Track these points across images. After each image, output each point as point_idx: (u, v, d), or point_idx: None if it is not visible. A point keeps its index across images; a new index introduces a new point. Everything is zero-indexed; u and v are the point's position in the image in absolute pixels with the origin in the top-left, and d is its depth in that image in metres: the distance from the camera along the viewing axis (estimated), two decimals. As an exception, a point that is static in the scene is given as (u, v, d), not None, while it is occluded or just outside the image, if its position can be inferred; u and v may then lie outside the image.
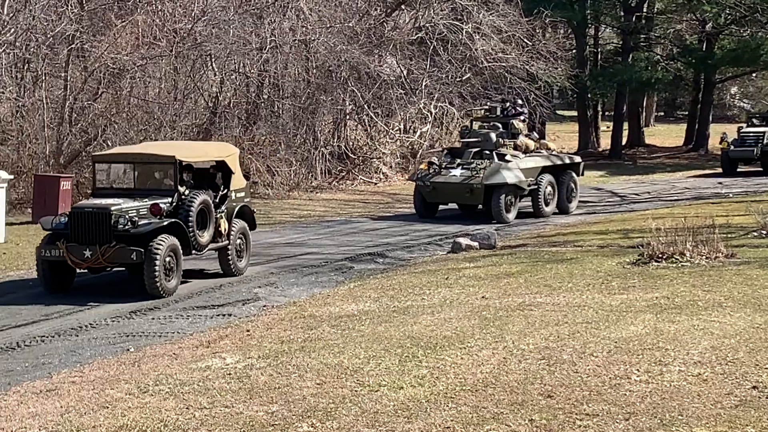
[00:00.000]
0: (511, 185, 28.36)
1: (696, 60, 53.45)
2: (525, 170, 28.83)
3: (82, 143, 33.63)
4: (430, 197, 29.28)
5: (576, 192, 30.94)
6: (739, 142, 43.43)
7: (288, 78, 39.19)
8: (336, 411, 10.32)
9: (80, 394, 11.44)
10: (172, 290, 18.06)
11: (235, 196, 20.30)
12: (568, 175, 30.58)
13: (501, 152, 29.29)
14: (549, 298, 15.70)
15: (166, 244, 17.81)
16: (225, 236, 19.73)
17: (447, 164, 29.29)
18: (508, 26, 42.66)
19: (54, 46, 33.37)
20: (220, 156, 20.51)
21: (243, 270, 20.25)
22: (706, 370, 11.18)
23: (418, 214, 29.56)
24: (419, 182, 29.28)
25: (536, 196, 29.32)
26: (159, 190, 19.07)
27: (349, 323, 14.61)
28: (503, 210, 28.14)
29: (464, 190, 28.55)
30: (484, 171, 28.38)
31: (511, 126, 30.49)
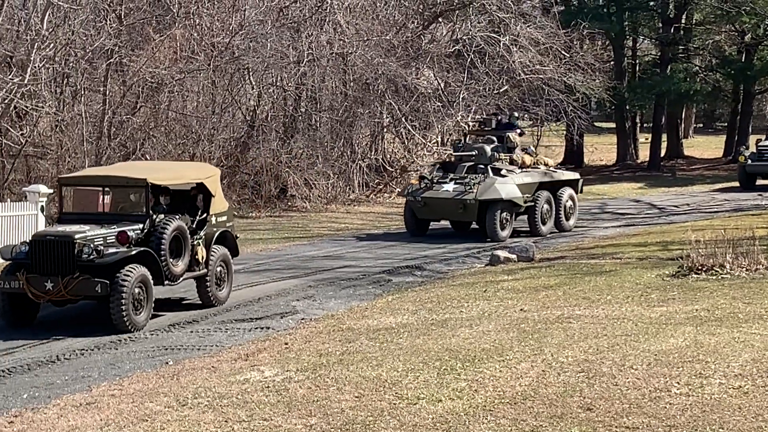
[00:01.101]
0: (507, 201, 27.01)
1: (735, 71, 53.17)
2: (521, 186, 27.55)
3: (121, 157, 33.76)
4: (422, 213, 27.95)
5: (575, 210, 29.53)
6: (757, 156, 41.98)
7: (325, 91, 39.24)
8: (374, 424, 10.30)
9: (119, 407, 11.47)
10: (142, 324, 16.57)
11: (215, 221, 18.82)
12: (567, 192, 29.18)
13: (496, 167, 27.88)
14: (588, 311, 15.63)
15: (134, 275, 16.38)
16: (203, 264, 18.16)
17: (439, 179, 27.86)
18: (546, 38, 42.55)
19: (93, 60, 33.57)
20: (198, 178, 19.00)
21: (223, 300, 18.69)
22: (747, 382, 11.10)
23: (409, 231, 28.30)
24: (410, 198, 27.88)
25: (533, 213, 27.98)
26: (130, 215, 17.65)
27: (388, 336, 14.59)
28: (498, 227, 26.84)
29: (457, 206, 27.12)
30: (478, 186, 26.99)
31: (507, 139, 28.88)
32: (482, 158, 28.11)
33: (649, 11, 54.51)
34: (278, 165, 35.74)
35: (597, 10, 51.45)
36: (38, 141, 32.80)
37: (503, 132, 29.11)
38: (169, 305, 18.51)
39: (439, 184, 27.57)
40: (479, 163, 27.95)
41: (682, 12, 52.90)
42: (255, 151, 36.30)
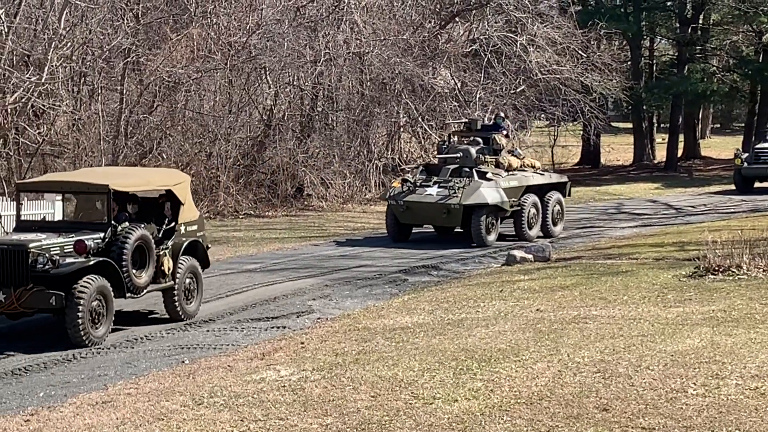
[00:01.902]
0: (493, 206, 25.97)
1: (752, 71, 53.01)
2: (507, 190, 26.41)
3: (138, 156, 33.87)
4: (404, 218, 26.71)
5: (562, 214, 28.40)
6: (753, 159, 40.79)
7: (342, 90, 39.26)
8: (390, 424, 10.30)
9: (136, 406, 11.50)
10: (101, 339, 15.52)
11: (184, 230, 17.63)
12: (554, 196, 28.05)
13: (481, 170, 26.66)
14: (604, 311, 15.61)
15: (92, 287, 15.32)
16: (169, 276, 17.02)
17: (422, 182, 26.67)
18: (563, 38, 42.50)
19: (110, 59, 33.67)
20: (165, 184, 17.78)
21: (192, 314, 17.47)
22: (764, 383, 11.07)
23: (391, 236, 27.08)
24: (392, 201, 26.69)
25: (519, 217, 26.86)
26: (91, 224, 16.56)
27: (404, 336, 14.59)
28: (483, 232, 25.79)
29: (441, 210, 26.07)
30: (463, 190, 25.86)
31: (493, 141, 27.67)
32: (467, 161, 27.00)
33: (667, 11, 54.38)
34: (295, 164, 35.77)
35: (614, 10, 51.34)
36: (55, 140, 32.92)
37: (489, 133, 28.06)
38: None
39: (423, 187, 26.50)
40: (464, 166, 26.85)
41: (700, 12, 52.78)
42: (271, 151, 36.34)
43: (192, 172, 34.26)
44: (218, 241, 27.28)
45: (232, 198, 33.72)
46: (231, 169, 34.50)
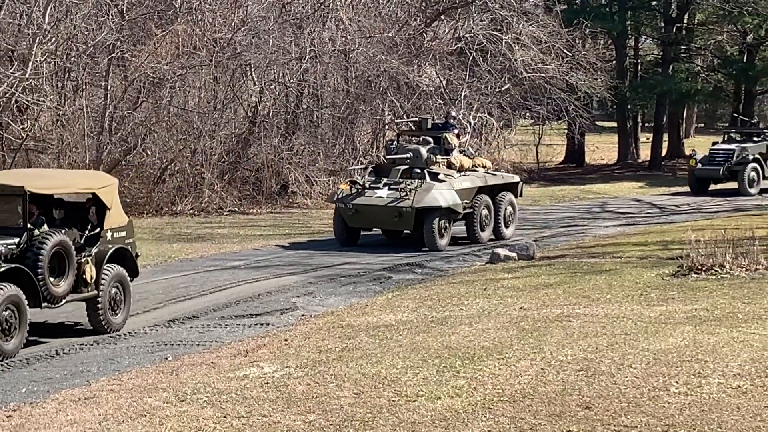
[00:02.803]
0: (446, 208, 24.83)
1: (736, 71, 53.15)
2: (460, 191, 25.31)
3: (122, 152, 33.83)
4: (353, 221, 25.50)
5: (515, 216, 27.34)
6: (708, 160, 39.95)
7: (327, 88, 39.24)
8: (373, 421, 10.31)
9: (118, 402, 11.49)
10: (11, 353, 14.42)
11: (111, 237, 16.47)
12: (507, 197, 26.98)
13: (433, 171, 25.55)
14: (587, 309, 15.64)
15: (1, 296, 14.26)
16: (92, 285, 15.85)
17: (371, 184, 25.42)
18: (548, 37, 42.53)
19: (94, 55, 33.62)
20: (89, 187, 16.57)
21: (118, 326, 16.31)
22: (746, 382, 11.11)
23: (339, 240, 25.88)
24: (340, 204, 25.38)
25: (471, 220, 25.80)
26: (6, 228, 15.32)
27: (387, 333, 14.60)
28: (437, 236, 24.67)
29: (392, 213, 24.83)
30: (415, 192, 24.62)
31: (444, 141, 26.48)
32: (418, 161, 25.80)
33: (652, 11, 54.46)
34: (279, 161, 35.73)
35: (599, 9, 51.38)
36: (39, 135, 32.85)
37: (440, 132, 26.88)
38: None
39: (372, 189, 25.26)
40: (415, 167, 25.62)
41: (684, 12, 52.88)
42: (256, 148, 36.29)
43: (177, 168, 34.26)
44: (202, 238, 27.26)
45: (217, 195, 33.67)
46: (215, 165, 34.46)
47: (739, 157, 39.19)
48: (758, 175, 39.45)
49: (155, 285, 20.27)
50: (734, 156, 39.27)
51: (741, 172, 39.04)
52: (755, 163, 39.33)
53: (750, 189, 39.01)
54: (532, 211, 35.01)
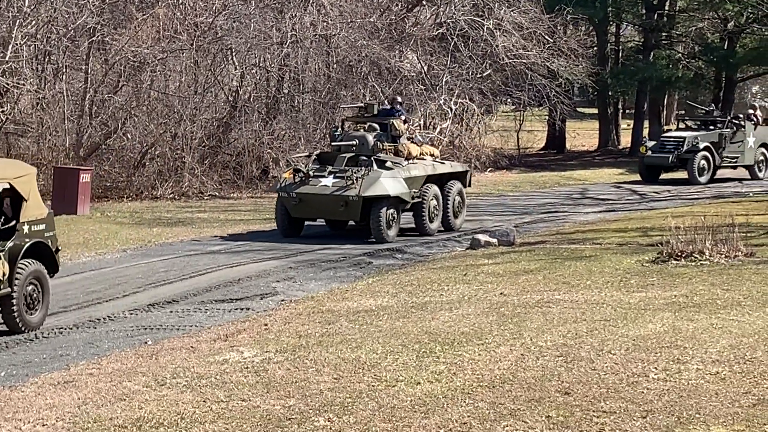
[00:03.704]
0: (394, 198, 23.85)
1: (717, 58, 53.21)
2: (408, 180, 24.31)
3: (102, 136, 33.74)
4: (296, 212, 24.37)
5: (463, 206, 26.39)
6: (658, 148, 39.42)
7: (308, 73, 39.17)
8: (353, 405, 10.32)
9: (98, 386, 11.47)
10: None
11: (28, 230, 15.39)
12: (455, 186, 26.04)
13: (380, 158, 24.47)
14: (567, 296, 15.67)
15: None
16: (5, 282, 14.75)
17: (316, 172, 24.29)
18: (530, 23, 42.55)
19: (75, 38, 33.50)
20: (4, 177, 15.26)
21: (36, 325, 15.30)
22: (725, 368, 11.15)
23: (281, 232, 24.68)
24: (283, 193, 24.29)
25: (420, 210, 24.79)
26: None
27: (367, 318, 14.61)
28: (384, 227, 23.66)
29: (338, 202, 23.75)
30: (362, 180, 23.61)
31: (391, 127, 25.21)
32: (364, 148, 24.69)
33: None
34: (260, 146, 35.67)
35: (581, -4, 51.43)
36: (19, 119, 32.72)
37: (386, 118, 25.61)
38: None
39: (316, 178, 24.14)
40: (361, 154, 24.58)
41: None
42: (237, 132, 36.23)
43: (157, 152, 34.19)
44: (182, 222, 27.22)
45: (197, 179, 33.60)
46: (196, 150, 34.39)
47: (690, 145, 38.48)
48: (708, 163, 38.74)
49: (135, 269, 20.24)
50: (684, 144, 38.60)
51: (691, 161, 38.35)
52: (706, 151, 38.61)
53: (699, 178, 38.28)
54: (513, 197, 35.08)
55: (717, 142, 39.16)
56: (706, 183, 38.24)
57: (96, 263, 21.12)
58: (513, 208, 31.09)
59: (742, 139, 39.92)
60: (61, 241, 23.69)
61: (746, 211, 25.42)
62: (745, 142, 39.99)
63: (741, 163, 40.28)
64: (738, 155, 39.87)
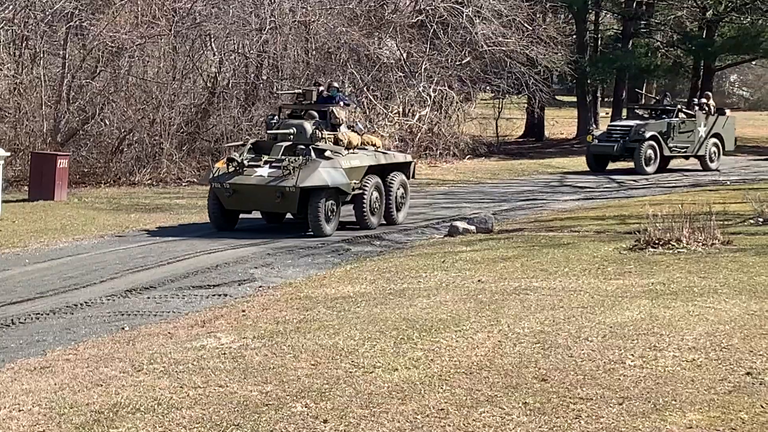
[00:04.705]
0: (333, 189, 22.79)
1: (696, 47, 53.40)
2: (349, 170, 23.16)
3: (80, 122, 33.63)
4: (230, 203, 23.16)
5: (406, 199, 25.28)
6: (605, 137, 38.96)
7: (287, 59, 39.12)
8: (330, 392, 10.31)
9: (74, 372, 11.43)
10: None
11: None
12: (398, 178, 24.94)
13: (319, 147, 23.31)
14: (545, 283, 15.69)
15: None
16: None
17: (251, 162, 23.09)
18: (509, 10, 42.59)
19: (52, 23, 33.37)
20: None
21: None
22: (701, 355, 11.18)
23: (214, 224, 23.51)
24: (215, 184, 23.00)
25: (360, 202, 23.68)
26: None
27: (345, 305, 14.60)
28: (323, 220, 22.60)
29: (273, 194, 22.54)
30: (299, 171, 22.44)
31: (331, 115, 24.08)
32: (302, 137, 23.45)
33: (612, -15, 54.66)
34: (239, 132, 35.57)
35: (560, -17, 51.49)
36: (-4, 104, 32.60)
37: (326, 105, 24.57)
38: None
39: (251, 167, 22.97)
40: (299, 143, 23.33)
41: (645, -13, 53.07)
42: (215, 118, 36.18)
43: (135, 138, 34.10)
44: (160, 209, 27.16)
45: (175, 165, 33.54)
46: (174, 136, 34.32)
47: (636, 134, 38.01)
48: (655, 153, 38.30)
49: (112, 255, 20.19)
50: (631, 133, 38.18)
51: (637, 150, 37.88)
52: (653, 140, 38.16)
53: (646, 167, 37.83)
54: (491, 184, 35.13)
55: (665, 131, 38.65)
56: (653, 172, 37.77)
57: (73, 249, 21.06)
58: (491, 196, 31.14)
59: (692, 129, 39.33)
60: (38, 226, 23.75)
61: (723, 199, 25.50)
62: (695, 132, 39.39)
63: (691, 153, 39.67)
64: (688, 145, 39.29)
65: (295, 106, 25.39)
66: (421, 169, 38.51)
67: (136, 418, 9.77)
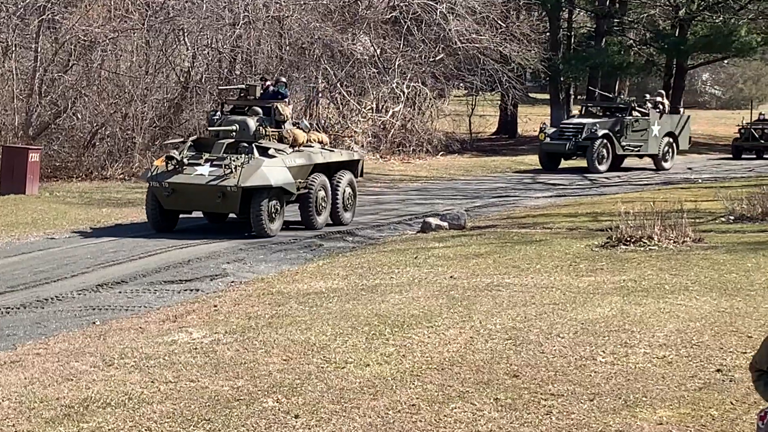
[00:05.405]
0: (277, 188, 21.95)
1: (668, 45, 53.55)
2: (294, 169, 22.38)
3: (52, 115, 33.48)
4: (169, 203, 22.22)
5: (354, 199, 24.60)
6: (557, 135, 38.65)
7: (261, 54, 39.02)
8: (302, 387, 10.31)
9: (44, 366, 11.39)
10: None
11: None
12: (346, 177, 24.22)
13: (262, 145, 22.46)
14: (517, 279, 15.72)
15: None
16: None
17: (191, 160, 22.13)
18: (482, 7, 42.63)
19: (25, 16, 33.20)
20: None
21: None
22: (671, 352, 11.22)
23: (153, 225, 22.51)
24: (154, 183, 22.06)
25: (306, 202, 22.94)
26: None
27: (317, 300, 14.59)
28: (266, 220, 21.77)
29: (214, 193, 21.69)
30: (242, 169, 21.59)
31: (275, 111, 23.22)
32: (245, 134, 22.68)
33: (586, -17, 54.77)
34: (211, 127, 35.49)
35: (534, -19, 51.60)
36: (-33, 97, 32.43)
37: (270, 102, 23.70)
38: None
39: (191, 166, 22.02)
40: (241, 141, 22.54)
41: (618, -15, 53.22)
42: (188, 113, 36.06)
43: (107, 132, 33.97)
44: (132, 203, 27.07)
45: (148, 160, 33.40)
46: (147, 130, 34.21)
47: (588, 132, 37.70)
48: (608, 151, 37.99)
49: (84, 249, 20.12)
50: (583, 131, 37.85)
51: (589, 148, 37.55)
52: (605, 139, 37.87)
53: (599, 166, 37.56)
54: (464, 181, 35.18)
55: (618, 129, 38.35)
56: (605, 170, 37.46)
57: (44, 243, 20.97)
58: (464, 192, 31.18)
59: (646, 128, 39.12)
60: (9, 220, 23.64)
61: (695, 197, 25.60)
62: (649, 131, 39.18)
63: (645, 152, 39.50)
64: (641, 144, 39.07)
65: (238, 102, 24.63)
66: (394, 166, 38.62)
67: (107, 412, 9.74)
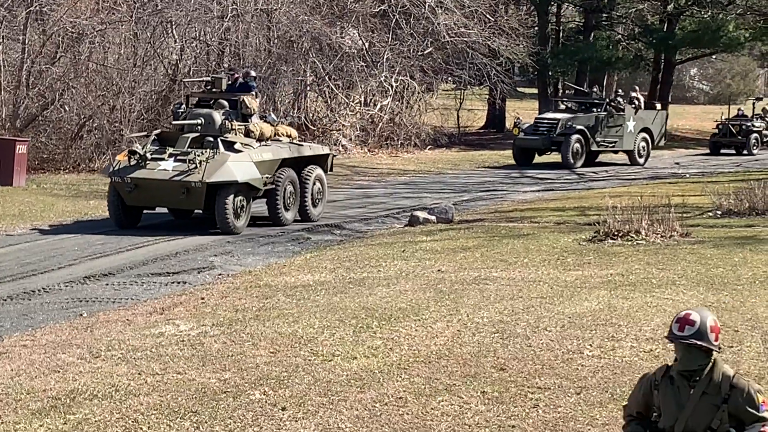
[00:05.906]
0: (243, 184, 21.32)
1: (657, 40, 53.65)
2: (260, 164, 21.77)
3: (39, 107, 33.39)
4: (132, 199, 21.55)
5: (324, 194, 24.03)
6: (532, 130, 38.05)
7: (249, 47, 39.00)
8: (289, 379, 10.31)
9: (31, 358, 11.38)
10: None
11: None
12: (315, 171, 23.63)
13: (228, 139, 21.77)
14: (504, 273, 15.74)
15: None
16: None
17: (154, 154, 21.48)
18: (471, 1, 42.64)
19: (12, 8, 33.09)
20: None
21: None
22: (658, 346, 11.25)
23: (115, 221, 21.85)
24: (116, 178, 21.41)
25: (274, 197, 22.37)
26: None
27: (305, 293, 14.59)
28: (231, 217, 21.14)
29: (178, 189, 21.10)
30: (206, 164, 21.03)
31: (242, 105, 22.61)
32: (210, 128, 21.96)
33: (574, -22, 54.80)
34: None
35: (523, -25, 51.63)
36: (-46, 89, 32.34)
37: (237, 95, 23.08)
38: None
39: (155, 161, 21.37)
40: (207, 135, 21.79)
41: (607, -20, 53.26)
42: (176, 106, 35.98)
43: (95, 125, 33.89)
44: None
45: (135, 152, 33.36)
46: (135, 123, 34.12)
47: (563, 127, 37.36)
48: (582, 146, 37.61)
49: (71, 241, 20.08)
50: (558, 126, 37.47)
51: (564, 144, 37.18)
52: (580, 134, 37.48)
53: (573, 161, 37.23)
54: (452, 175, 35.19)
55: (593, 125, 38.04)
56: (580, 166, 37.21)
57: (31, 235, 20.93)
58: (452, 186, 31.19)
59: (621, 123, 38.80)
60: (-4, 212, 23.58)
61: (682, 192, 25.66)
62: (624, 127, 38.86)
63: (620, 147, 39.27)
64: (616, 140, 38.81)
65: (203, 95, 23.92)
66: (382, 159, 38.61)
67: (94, 404, 9.74)
